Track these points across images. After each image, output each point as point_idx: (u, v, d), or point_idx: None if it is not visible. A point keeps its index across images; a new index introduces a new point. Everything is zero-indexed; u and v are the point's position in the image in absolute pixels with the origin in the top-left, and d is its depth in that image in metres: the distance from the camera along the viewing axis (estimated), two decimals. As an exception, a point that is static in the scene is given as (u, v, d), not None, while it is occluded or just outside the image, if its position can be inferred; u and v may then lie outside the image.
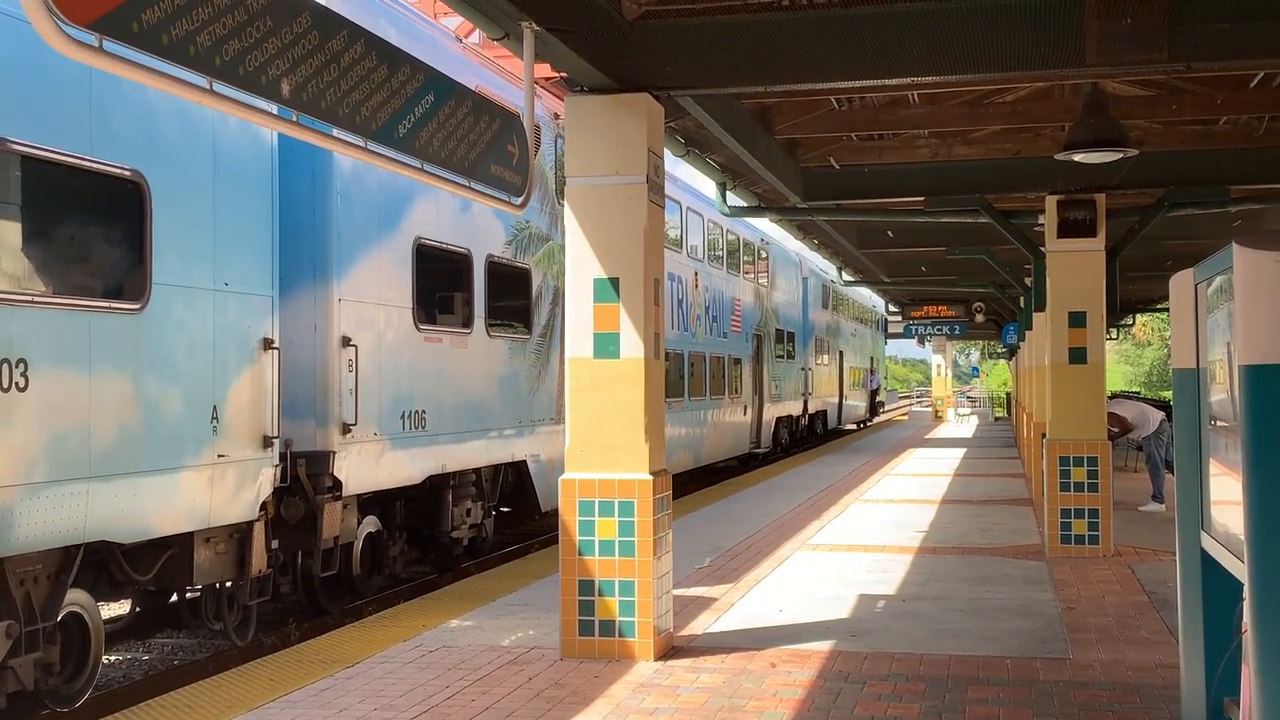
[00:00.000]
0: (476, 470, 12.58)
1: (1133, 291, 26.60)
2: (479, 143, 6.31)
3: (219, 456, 8.23)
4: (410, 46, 6.80)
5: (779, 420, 28.99)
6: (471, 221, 12.28)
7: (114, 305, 7.44)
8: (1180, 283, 4.49)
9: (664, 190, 7.87)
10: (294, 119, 4.94)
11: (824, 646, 7.63)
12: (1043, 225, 12.18)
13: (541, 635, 7.95)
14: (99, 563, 7.75)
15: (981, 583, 9.91)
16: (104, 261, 7.71)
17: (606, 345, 7.37)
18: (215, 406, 8.21)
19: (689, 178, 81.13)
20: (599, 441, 7.36)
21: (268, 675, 7.18)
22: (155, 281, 7.68)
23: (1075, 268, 11.56)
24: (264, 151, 8.85)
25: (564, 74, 7.49)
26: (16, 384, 6.52)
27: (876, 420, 50.52)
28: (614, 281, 7.36)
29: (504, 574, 10.82)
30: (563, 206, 7.69)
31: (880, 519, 14.40)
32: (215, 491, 8.21)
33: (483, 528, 12.92)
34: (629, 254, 7.36)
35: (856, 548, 12.00)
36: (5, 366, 6.45)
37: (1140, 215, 12.72)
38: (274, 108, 4.85)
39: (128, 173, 7.51)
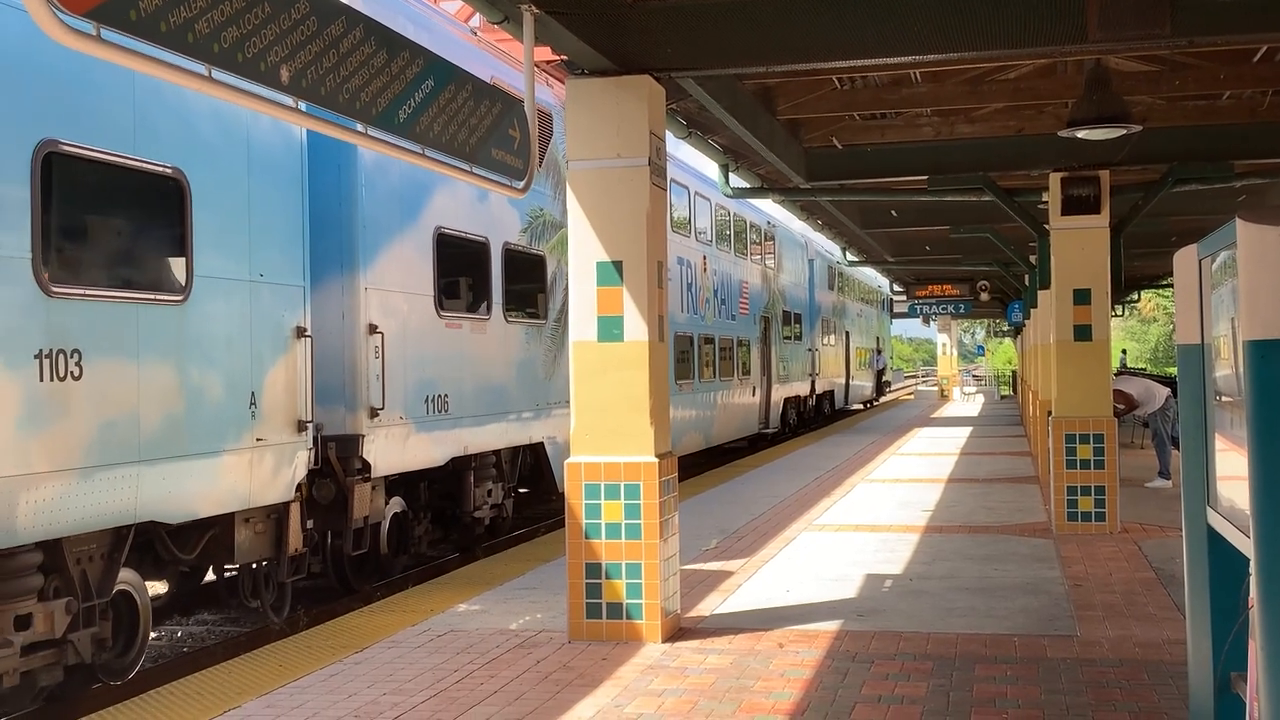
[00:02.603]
0: (496, 452, 12.90)
1: (1137, 268, 26.55)
2: (480, 127, 6.30)
3: (257, 440, 8.56)
4: (426, 40, 6.83)
5: (787, 401, 29.07)
6: (489, 210, 12.55)
7: (159, 297, 7.79)
8: (1184, 258, 4.47)
9: (666, 172, 7.86)
10: (294, 105, 4.93)
11: (831, 626, 7.65)
12: (1046, 203, 12.15)
13: (549, 618, 7.97)
14: (144, 543, 8.03)
15: (988, 561, 9.91)
16: (149, 255, 8.11)
17: (610, 329, 7.37)
18: (253, 393, 8.53)
19: (693, 161, 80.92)
20: (604, 425, 7.37)
21: (277, 661, 7.20)
22: (196, 274, 8.01)
23: (1079, 245, 11.53)
24: (294, 146, 9.12)
25: (564, 57, 7.47)
26: (71, 373, 6.87)
27: (883, 400, 50.52)
28: (617, 265, 7.35)
29: (512, 557, 10.84)
30: (570, 192, 7.70)
31: (887, 499, 14.41)
32: (255, 474, 8.53)
33: (503, 508, 13.23)
34: (632, 237, 7.35)
35: (863, 528, 12.01)
36: (61, 357, 6.80)
37: (1144, 191, 12.68)
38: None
39: (169, 170, 7.82)
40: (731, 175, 13.76)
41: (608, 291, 7.37)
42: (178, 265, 7.96)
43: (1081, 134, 9.38)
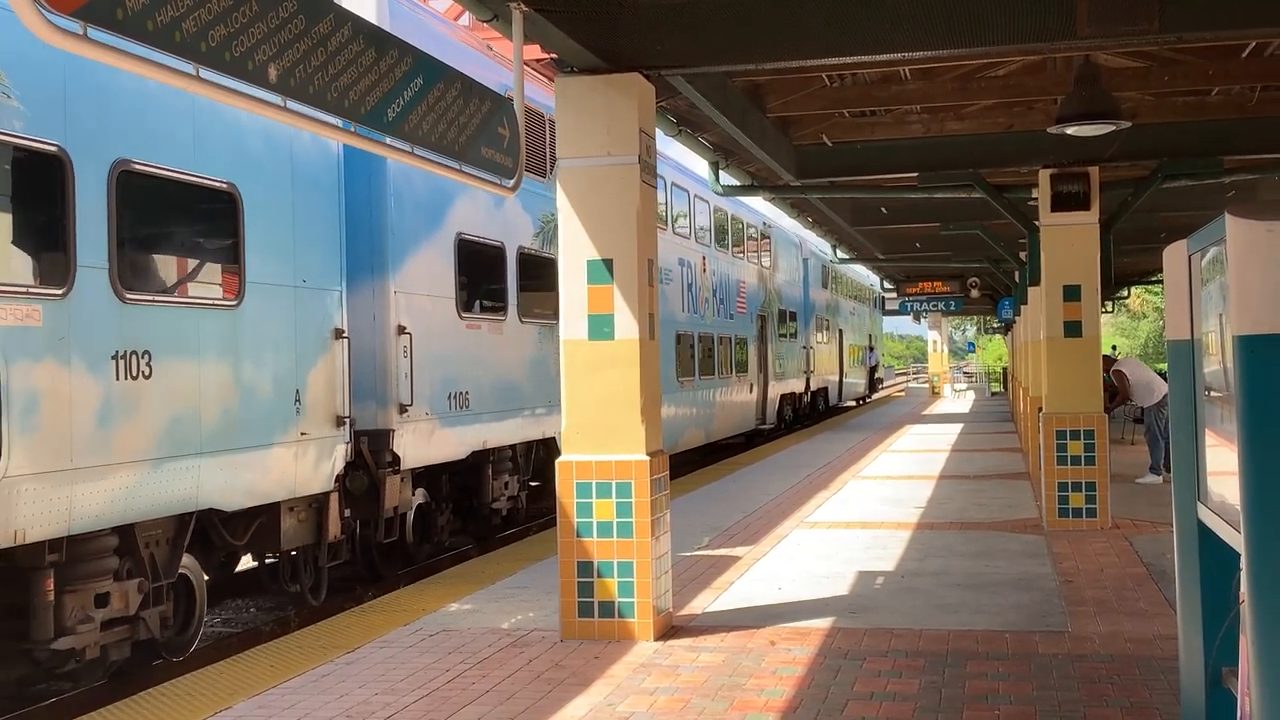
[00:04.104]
0: (512, 446, 13.40)
1: (1127, 264, 26.58)
2: (469, 125, 6.28)
3: (302, 434, 9.17)
4: (442, 54, 6.84)
5: (783, 398, 29.33)
6: (504, 216, 13.02)
7: (216, 302, 8.51)
8: (1174, 254, 4.47)
9: (656, 170, 7.85)
10: (282, 104, 4.91)
11: (823, 624, 7.65)
12: (1036, 199, 12.16)
13: (541, 617, 7.96)
14: (197, 529, 8.47)
15: (980, 557, 9.93)
16: (207, 264, 8.92)
17: (601, 327, 7.36)
18: (298, 390, 9.15)
19: (683, 159, 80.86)
20: (595, 423, 7.36)
21: (269, 661, 7.19)
22: (248, 280, 8.62)
23: (1069, 241, 11.55)
24: (331, 159, 9.65)
25: (554, 55, 7.46)
26: (143, 372, 7.52)
27: (875, 396, 50.57)
28: (608, 263, 7.34)
29: (503, 556, 10.84)
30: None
31: (878, 495, 14.43)
32: (299, 465, 9.15)
33: (518, 499, 13.70)
34: (622, 235, 7.34)
35: (855, 524, 12.02)
36: (134, 358, 7.45)
37: (1134, 188, 12.69)
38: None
39: (224, 185, 8.44)
40: (722, 173, 13.76)
41: (598, 289, 7.36)
42: (232, 272, 8.60)
43: (1071, 130, 9.38)
